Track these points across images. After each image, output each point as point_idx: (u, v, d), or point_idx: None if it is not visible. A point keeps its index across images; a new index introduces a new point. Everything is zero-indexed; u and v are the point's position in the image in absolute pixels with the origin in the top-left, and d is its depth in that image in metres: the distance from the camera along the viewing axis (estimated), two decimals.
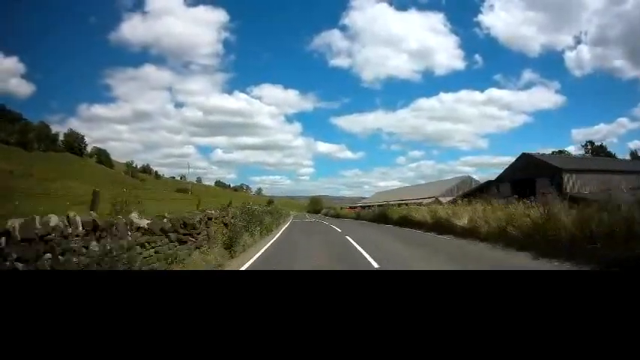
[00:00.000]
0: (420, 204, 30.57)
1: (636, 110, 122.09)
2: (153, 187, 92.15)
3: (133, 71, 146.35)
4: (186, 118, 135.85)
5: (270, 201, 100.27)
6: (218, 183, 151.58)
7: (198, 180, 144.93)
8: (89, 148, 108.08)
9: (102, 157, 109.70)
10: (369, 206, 49.06)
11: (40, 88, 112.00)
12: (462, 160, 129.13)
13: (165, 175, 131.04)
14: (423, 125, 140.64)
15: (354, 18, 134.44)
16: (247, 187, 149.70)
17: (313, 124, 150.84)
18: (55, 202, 18.17)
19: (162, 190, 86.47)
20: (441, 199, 34.98)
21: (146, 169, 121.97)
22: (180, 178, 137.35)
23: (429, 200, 34.75)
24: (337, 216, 54.69)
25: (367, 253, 10.21)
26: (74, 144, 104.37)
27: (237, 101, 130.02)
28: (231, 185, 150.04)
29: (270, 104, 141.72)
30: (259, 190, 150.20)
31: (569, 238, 8.47)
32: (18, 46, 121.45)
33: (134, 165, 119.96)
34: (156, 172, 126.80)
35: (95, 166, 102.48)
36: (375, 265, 8.35)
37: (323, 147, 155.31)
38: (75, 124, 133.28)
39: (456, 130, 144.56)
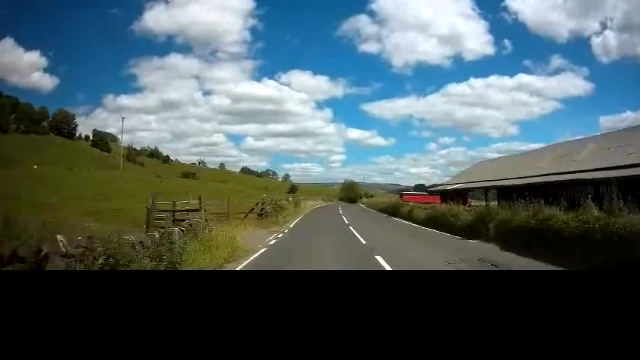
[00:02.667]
0: None
1: None
2: (146, 172, 73.53)
3: (158, 61, 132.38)
4: (215, 106, 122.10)
5: (294, 188, 77.46)
6: (244, 170, 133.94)
7: (221, 166, 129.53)
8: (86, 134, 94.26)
9: (98, 139, 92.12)
10: (471, 190, 23.56)
11: (65, 81, 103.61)
12: (492, 147, 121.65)
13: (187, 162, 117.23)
14: (454, 111, 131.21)
15: (382, 3, 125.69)
16: (274, 173, 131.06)
17: (344, 111, 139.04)
18: None
19: (157, 175, 66.40)
20: None
21: (154, 154, 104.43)
22: (198, 164, 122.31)
23: None
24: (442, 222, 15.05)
25: None
26: (62, 125, 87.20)
27: (267, 88, 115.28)
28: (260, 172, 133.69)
29: (300, 91, 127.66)
30: (287, 176, 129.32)
31: None
32: (39, 40, 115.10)
33: (145, 149, 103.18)
34: (167, 156, 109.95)
35: (87, 150, 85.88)
36: None
37: (354, 133, 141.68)
38: (102, 115, 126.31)
39: (487, 116, 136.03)
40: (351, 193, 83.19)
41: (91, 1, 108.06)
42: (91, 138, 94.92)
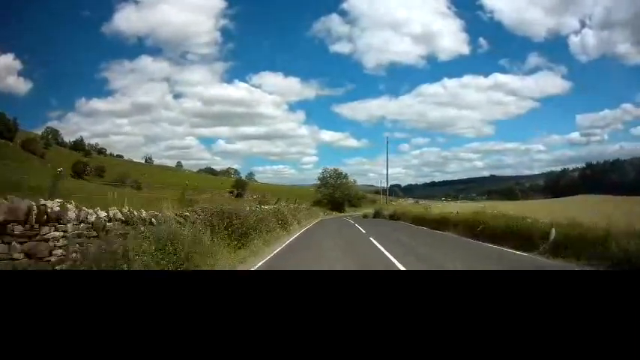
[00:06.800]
0: None
1: None
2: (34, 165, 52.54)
3: (129, 63, 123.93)
4: (186, 109, 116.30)
5: (239, 184, 53.97)
6: (207, 169, 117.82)
7: (179, 165, 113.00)
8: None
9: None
10: None
11: (38, 85, 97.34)
12: (466, 147, 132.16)
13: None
14: (428, 112, 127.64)
15: (353, 1, 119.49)
16: (235, 171, 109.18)
17: (316, 113, 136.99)
18: None
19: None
20: None
21: (78, 146, 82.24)
22: (145, 162, 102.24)
23: None
24: None
25: None
26: None
27: (238, 90, 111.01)
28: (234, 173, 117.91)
29: (272, 93, 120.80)
30: (250, 174, 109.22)
31: None
32: (14, 43, 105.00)
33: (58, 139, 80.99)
34: (100, 148, 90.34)
35: None
36: None
37: (327, 135, 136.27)
38: (75, 120, 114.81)
39: (461, 116, 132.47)
40: (337, 193, 55.45)
41: (62, 4, 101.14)
42: None
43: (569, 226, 10.09)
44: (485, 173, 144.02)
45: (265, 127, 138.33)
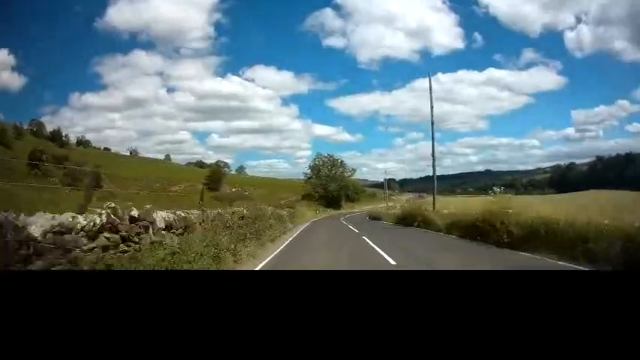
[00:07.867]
0: None
1: (637, 93, 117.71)
2: None
3: (122, 58, 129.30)
4: (179, 103, 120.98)
5: (216, 177, 47.56)
6: (198, 163, 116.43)
7: (167, 157, 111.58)
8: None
9: None
10: None
11: (32, 80, 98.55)
12: (460, 141, 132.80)
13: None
14: (421, 107, 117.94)
15: None
16: (225, 164, 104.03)
17: (310, 107, 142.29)
18: None
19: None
20: None
21: (55, 137, 76.51)
22: (130, 154, 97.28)
23: None
24: None
25: None
26: None
27: (231, 84, 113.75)
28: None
29: (265, 87, 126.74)
30: (241, 167, 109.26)
31: None
32: (7, 39, 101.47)
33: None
34: (81, 140, 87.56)
35: None
36: None
37: (320, 130, 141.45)
38: (68, 114, 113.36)
39: (455, 111, 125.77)
40: (331, 186, 44.96)
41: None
42: None
43: None
44: (481, 168, 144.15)
45: (259, 121, 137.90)
